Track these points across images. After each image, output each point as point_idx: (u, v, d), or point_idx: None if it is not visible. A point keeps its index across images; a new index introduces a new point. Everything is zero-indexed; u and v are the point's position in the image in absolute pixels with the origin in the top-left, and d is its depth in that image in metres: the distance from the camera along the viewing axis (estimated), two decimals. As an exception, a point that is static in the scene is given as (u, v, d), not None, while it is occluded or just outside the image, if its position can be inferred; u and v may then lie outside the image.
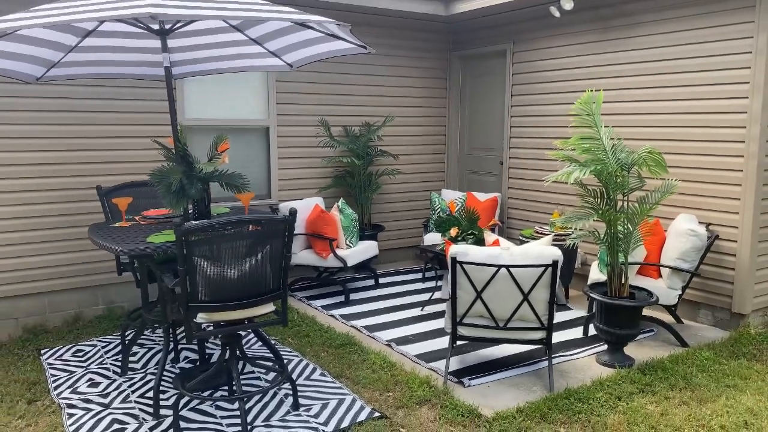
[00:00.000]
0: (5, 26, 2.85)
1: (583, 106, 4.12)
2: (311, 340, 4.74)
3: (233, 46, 4.58)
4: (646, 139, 5.40)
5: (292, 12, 3.30)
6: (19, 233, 5.03)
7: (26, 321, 5.13)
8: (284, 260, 3.38)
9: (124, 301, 5.56)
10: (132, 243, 3.47)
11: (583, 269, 5.97)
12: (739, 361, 4.30)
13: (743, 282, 4.81)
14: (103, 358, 4.49)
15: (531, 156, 6.54)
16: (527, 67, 6.52)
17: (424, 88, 7.30)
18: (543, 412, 3.53)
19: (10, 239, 5.00)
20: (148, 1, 2.90)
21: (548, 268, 3.62)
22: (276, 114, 6.27)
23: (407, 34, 7.06)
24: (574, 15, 5.94)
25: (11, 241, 5.00)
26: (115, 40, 4.30)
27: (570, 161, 4.17)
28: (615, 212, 4.08)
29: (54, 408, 3.73)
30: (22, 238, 5.04)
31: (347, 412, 3.59)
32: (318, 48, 4.29)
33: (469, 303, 3.79)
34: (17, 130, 4.95)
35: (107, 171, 5.36)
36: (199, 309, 3.22)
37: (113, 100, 5.33)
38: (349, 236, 5.87)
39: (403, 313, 5.40)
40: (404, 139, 7.24)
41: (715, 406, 3.63)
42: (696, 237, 4.53)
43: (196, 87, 5.83)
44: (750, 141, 4.69)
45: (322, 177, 6.68)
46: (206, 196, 3.96)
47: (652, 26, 5.29)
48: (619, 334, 4.14)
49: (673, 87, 5.17)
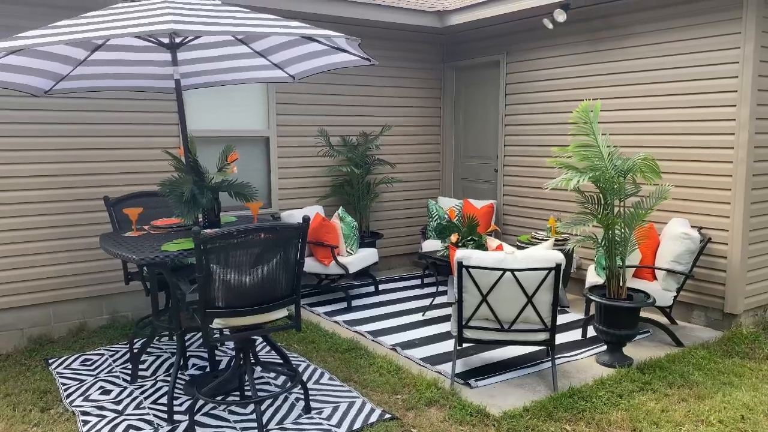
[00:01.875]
0: (26, 43, 2.94)
1: (581, 115, 4.27)
2: (317, 346, 4.83)
3: (237, 58, 4.69)
4: (638, 146, 5.57)
5: (303, 27, 3.41)
6: (24, 244, 5.08)
7: (31, 331, 5.17)
8: (297, 266, 3.48)
9: (128, 310, 5.62)
10: (147, 252, 3.55)
11: (579, 273, 6.11)
12: (733, 359, 4.45)
13: (735, 283, 4.97)
14: (112, 366, 4.55)
15: (525, 163, 6.70)
16: (520, 77, 6.69)
17: (420, 98, 7.45)
18: (549, 411, 3.65)
19: (15, 250, 5.04)
20: (167, 18, 3.01)
21: (551, 271, 3.75)
22: (276, 125, 6.38)
23: (403, 46, 7.21)
24: (567, 27, 6.12)
25: (17, 251, 5.05)
26: (123, 53, 4.39)
27: (568, 168, 4.31)
28: (613, 217, 4.22)
29: (68, 415, 3.78)
30: (27, 248, 5.09)
31: (358, 414, 3.68)
32: (321, 60, 4.41)
33: (475, 306, 3.90)
34: (23, 143, 5.01)
35: (113, 182, 5.43)
36: (215, 315, 3.31)
37: (119, 112, 5.41)
38: (350, 244, 5.97)
39: (405, 318, 5.51)
40: (400, 148, 7.38)
41: (713, 402, 3.77)
42: (689, 240, 4.69)
43: (196, 98, 5.93)
44: (739, 147, 4.87)
45: (321, 186, 6.78)
46: (216, 205, 4.05)
47: (642, 37, 5.48)
48: (618, 335, 4.27)
49: (664, 96, 5.36)
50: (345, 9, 6.17)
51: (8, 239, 5.01)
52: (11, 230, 5.02)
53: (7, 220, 4.99)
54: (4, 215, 4.98)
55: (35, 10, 4.94)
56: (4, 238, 4.99)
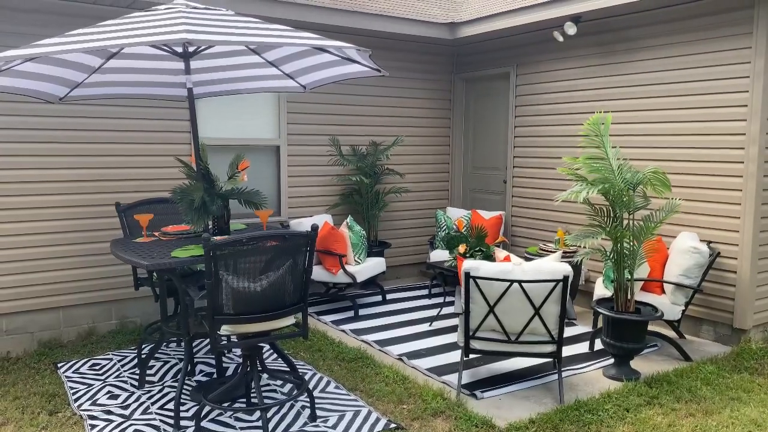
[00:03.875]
0: (43, 51, 3.00)
1: (592, 127, 4.28)
2: (323, 354, 4.84)
3: (250, 68, 4.74)
4: (648, 159, 5.57)
5: (314, 38, 3.45)
6: (36, 248, 5.13)
7: (41, 335, 5.21)
8: (305, 274, 3.50)
9: (136, 315, 5.66)
10: (157, 258, 3.58)
11: (587, 286, 6.10)
12: (741, 374, 4.42)
13: (744, 298, 4.95)
14: (120, 371, 4.58)
15: (534, 175, 6.71)
16: (530, 89, 6.71)
17: (430, 108, 7.49)
18: (555, 423, 3.64)
19: (27, 254, 5.10)
20: (181, 27, 3.06)
21: (559, 283, 3.75)
22: (286, 134, 6.43)
23: (413, 57, 7.26)
24: (577, 39, 6.14)
25: (29, 256, 5.10)
26: (137, 61, 4.45)
27: (578, 180, 4.31)
28: (622, 230, 4.22)
29: (75, 419, 3.81)
30: (39, 253, 5.15)
31: (364, 423, 3.69)
32: (332, 71, 4.46)
33: (482, 317, 3.91)
34: (36, 149, 5.07)
35: (124, 188, 5.49)
36: (223, 321, 3.33)
37: (132, 119, 5.47)
38: (358, 253, 5.99)
39: (412, 328, 5.52)
40: (410, 158, 7.41)
41: (721, 417, 3.75)
42: (698, 254, 4.67)
43: (208, 106, 5.99)
44: (749, 161, 4.86)
45: (330, 195, 6.82)
46: (226, 212, 4.09)
47: (653, 51, 5.49)
48: (625, 348, 4.26)
49: (674, 109, 5.36)
50: (357, 20, 6.23)
51: (20, 243, 5.07)
52: (23, 235, 5.08)
53: (19, 224, 5.05)
54: (17, 220, 5.04)
55: (52, 19, 5.02)
56: (16, 243, 5.05)
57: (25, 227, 5.08)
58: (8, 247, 5.02)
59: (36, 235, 5.13)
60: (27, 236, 5.09)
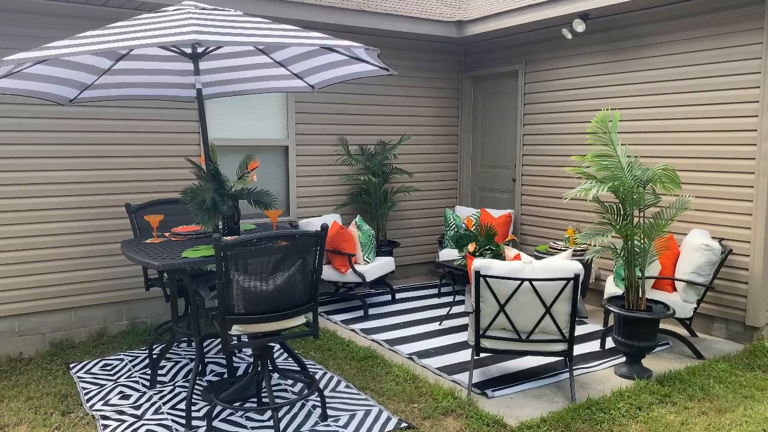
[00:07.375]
0: (53, 53, 3.02)
1: (599, 125, 4.26)
2: (334, 354, 4.85)
3: (258, 68, 4.75)
4: (658, 156, 5.54)
5: (323, 37, 3.45)
6: (48, 250, 5.17)
7: (53, 336, 5.25)
8: (315, 274, 3.51)
9: (147, 316, 5.68)
10: (168, 258, 3.60)
11: (597, 284, 6.07)
12: (754, 372, 4.39)
13: (756, 296, 4.91)
14: (131, 371, 4.60)
15: (544, 173, 6.68)
16: (539, 87, 6.69)
17: (438, 107, 7.47)
18: (566, 422, 3.63)
19: (39, 255, 5.13)
20: (190, 28, 3.06)
21: (570, 282, 3.73)
22: (295, 134, 6.44)
23: (421, 56, 7.25)
24: (586, 37, 6.11)
25: (41, 257, 5.14)
26: (146, 62, 4.47)
27: (588, 177, 4.29)
28: (632, 227, 4.20)
29: (88, 419, 3.83)
30: (51, 254, 5.18)
31: (375, 422, 3.69)
32: (341, 70, 4.46)
33: (492, 316, 3.90)
34: (48, 150, 5.11)
35: (135, 189, 5.51)
36: (234, 321, 3.34)
37: (142, 120, 5.50)
38: (367, 252, 6.00)
39: (422, 327, 5.51)
40: (418, 157, 7.40)
41: (734, 415, 3.72)
42: (710, 251, 4.64)
43: (216, 107, 6.00)
44: (760, 158, 4.82)
45: (338, 194, 6.82)
46: (236, 212, 4.10)
47: (662, 47, 5.45)
48: (637, 346, 4.23)
49: (684, 106, 5.32)
50: (365, 20, 6.22)
51: (32, 245, 5.10)
52: (35, 236, 5.11)
53: (31, 226, 5.09)
54: (29, 221, 5.07)
55: (61, 21, 5.05)
56: (28, 244, 5.09)
57: (36, 229, 5.12)
58: (20, 248, 5.06)
59: (47, 237, 5.16)
60: (38, 238, 5.13)
